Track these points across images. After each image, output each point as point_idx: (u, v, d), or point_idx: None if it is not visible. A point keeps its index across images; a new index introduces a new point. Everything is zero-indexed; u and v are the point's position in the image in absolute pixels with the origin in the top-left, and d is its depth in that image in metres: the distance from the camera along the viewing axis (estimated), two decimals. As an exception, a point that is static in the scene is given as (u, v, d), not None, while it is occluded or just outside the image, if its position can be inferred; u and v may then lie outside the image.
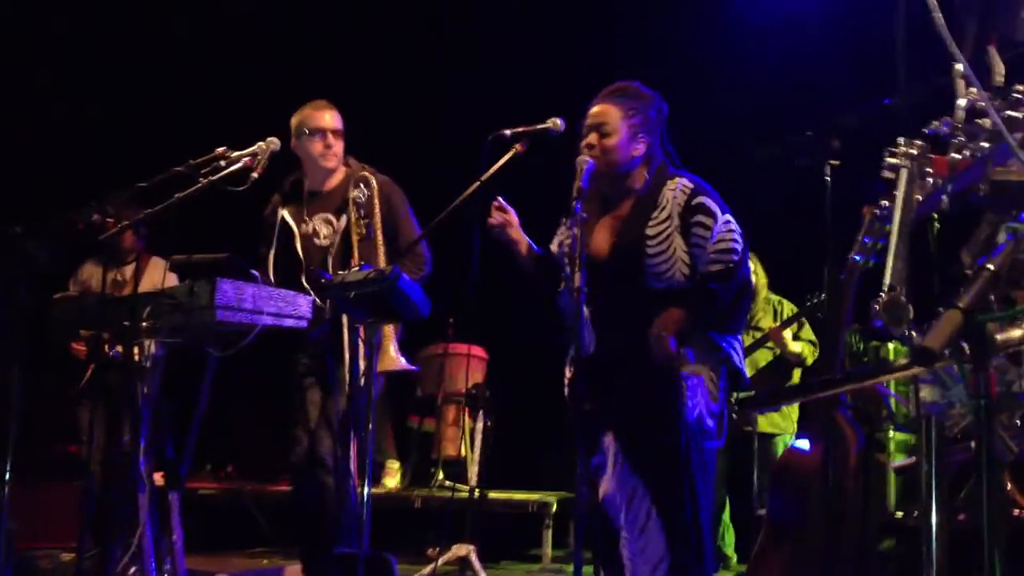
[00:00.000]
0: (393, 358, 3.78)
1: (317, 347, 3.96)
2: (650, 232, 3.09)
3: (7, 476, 3.89)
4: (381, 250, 3.86)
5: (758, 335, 5.69)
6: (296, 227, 4.06)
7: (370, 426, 3.21)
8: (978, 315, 1.33)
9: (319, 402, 3.98)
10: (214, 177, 3.67)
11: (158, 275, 4.93)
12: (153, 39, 7.01)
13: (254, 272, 3.88)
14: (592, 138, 3.16)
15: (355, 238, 3.88)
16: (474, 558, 4.95)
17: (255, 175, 3.75)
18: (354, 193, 3.91)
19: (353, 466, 3.80)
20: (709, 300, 3.05)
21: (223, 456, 7.10)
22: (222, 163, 3.71)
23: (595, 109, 3.20)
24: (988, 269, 1.43)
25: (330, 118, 4.09)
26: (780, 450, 5.75)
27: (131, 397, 3.84)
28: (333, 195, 4.09)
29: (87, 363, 5.28)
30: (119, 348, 4.20)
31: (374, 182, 3.95)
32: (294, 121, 4.13)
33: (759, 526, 4.61)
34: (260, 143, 3.85)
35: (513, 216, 3.33)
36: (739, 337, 3.17)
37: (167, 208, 3.61)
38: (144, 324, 3.60)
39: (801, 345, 5.65)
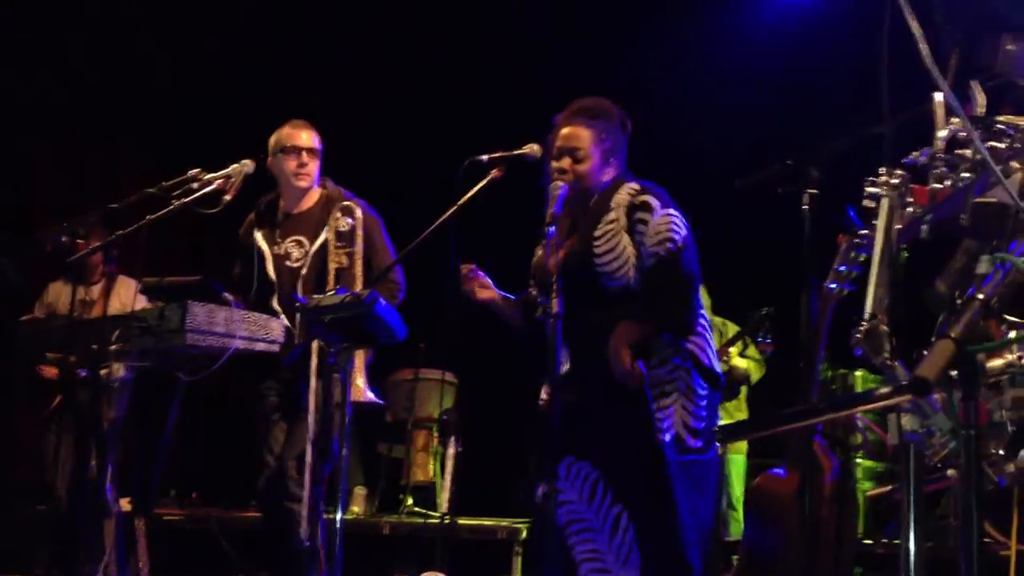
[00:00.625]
0: (360, 389, 3.74)
1: (288, 372, 3.91)
2: (597, 233, 3.09)
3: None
4: (359, 279, 3.81)
5: None
6: (268, 248, 4.00)
7: (344, 452, 3.16)
8: (969, 345, 1.34)
9: (287, 428, 3.92)
10: (186, 200, 3.65)
11: (127, 295, 4.88)
12: (128, 56, 6.95)
13: (227, 295, 3.84)
14: (565, 163, 3.15)
15: (333, 266, 3.82)
16: (445, 586, 4.89)
17: (227, 197, 3.73)
18: (339, 222, 3.84)
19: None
20: (656, 298, 3.01)
21: (189, 482, 7.01)
22: (195, 185, 3.70)
23: (567, 131, 3.18)
24: (978, 299, 1.43)
25: (306, 137, 4.03)
26: (734, 468, 5.77)
27: (98, 421, 3.79)
28: (307, 216, 4.02)
29: (55, 387, 5.21)
30: (87, 371, 4.15)
31: (359, 212, 3.90)
32: (271, 140, 4.08)
33: (724, 551, 4.61)
34: (234, 165, 3.84)
35: (484, 279, 3.32)
36: (705, 335, 3.11)
37: (138, 230, 3.57)
38: (113, 347, 3.56)
39: (747, 362, 5.65)
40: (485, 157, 3.32)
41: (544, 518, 2.90)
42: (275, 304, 3.92)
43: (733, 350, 5.53)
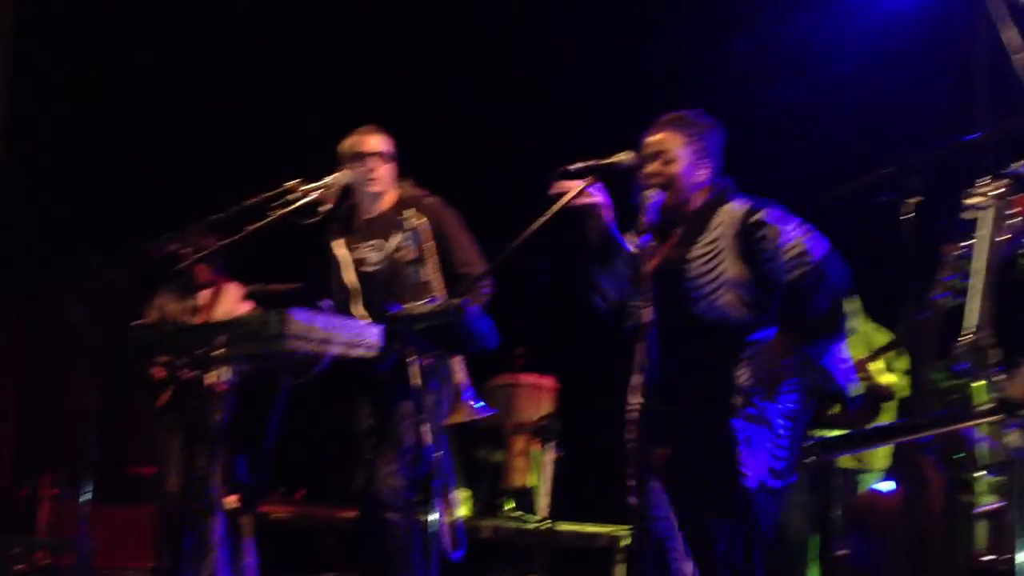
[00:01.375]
0: (468, 408, 3.77)
1: (383, 378, 3.94)
2: (692, 255, 3.00)
3: (87, 497, 3.99)
4: (435, 278, 3.83)
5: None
6: (347, 255, 4.05)
7: (440, 455, 3.19)
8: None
9: (382, 435, 3.95)
10: (284, 211, 3.72)
11: (231, 302, 5.03)
12: (228, 71, 7.15)
13: (326, 301, 3.92)
14: (655, 166, 3.08)
15: (407, 267, 3.84)
16: (542, 592, 4.90)
17: (326, 208, 3.80)
18: (410, 222, 3.86)
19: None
20: (801, 313, 2.88)
21: (295, 480, 7.16)
22: (293, 196, 3.75)
23: (654, 138, 3.12)
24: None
25: (372, 142, 4.05)
26: (863, 487, 5.53)
27: (205, 423, 3.91)
28: (382, 220, 4.05)
29: (165, 387, 5.39)
30: (194, 374, 4.28)
31: (428, 210, 3.92)
32: (342, 147, 4.11)
33: (839, 567, 4.48)
34: (332, 175, 3.90)
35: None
36: (840, 344, 2.97)
37: (240, 240, 3.66)
38: (217, 352, 3.66)
39: (896, 376, 5.21)
40: (576, 166, 3.28)
41: (640, 532, 2.88)
42: (356, 311, 3.96)
43: (877, 365, 5.13)
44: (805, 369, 2.92)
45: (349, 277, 4.01)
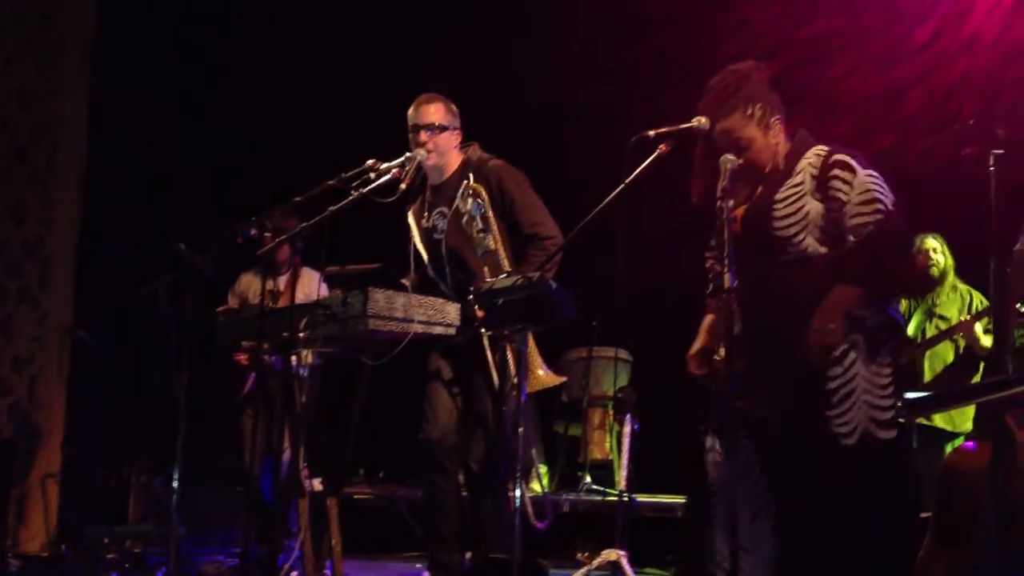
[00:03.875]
0: (541, 377, 3.79)
1: (463, 353, 3.97)
2: (779, 196, 3.01)
3: (176, 484, 4.09)
4: (500, 240, 3.83)
5: (943, 325, 5.20)
6: (417, 224, 4.10)
7: (520, 430, 3.22)
8: None
9: (451, 407, 3.98)
10: (364, 190, 3.74)
11: (311, 286, 5.10)
12: (301, 56, 7.24)
13: (403, 281, 3.96)
14: (734, 153, 3.06)
15: (472, 231, 3.83)
16: (626, 563, 4.92)
17: (403, 186, 3.84)
18: (472, 187, 3.85)
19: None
20: (874, 259, 2.86)
21: (376, 461, 7.25)
22: (372, 175, 3.79)
23: (720, 127, 3.09)
24: None
25: (423, 113, 4.03)
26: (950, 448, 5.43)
27: (290, 406, 3.98)
28: (447, 186, 4.06)
29: (248, 372, 5.50)
30: (277, 357, 4.35)
31: (490, 172, 3.92)
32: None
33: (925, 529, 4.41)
34: (408, 153, 3.93)
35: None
36: (895, 300, 2.99)
37: (321, 221, 3.70)
38: (301, 335, 3.71)
39: (991, 338, 4.98)
40: (652, 132, 3.27)
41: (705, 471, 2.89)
42: (431, 274, 4.01)
43: (979, 325, 5.03)
44: (878, 327, 2.89)
45: (421, 246, 4.07)
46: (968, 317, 5.11)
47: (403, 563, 6.08)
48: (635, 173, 3.23)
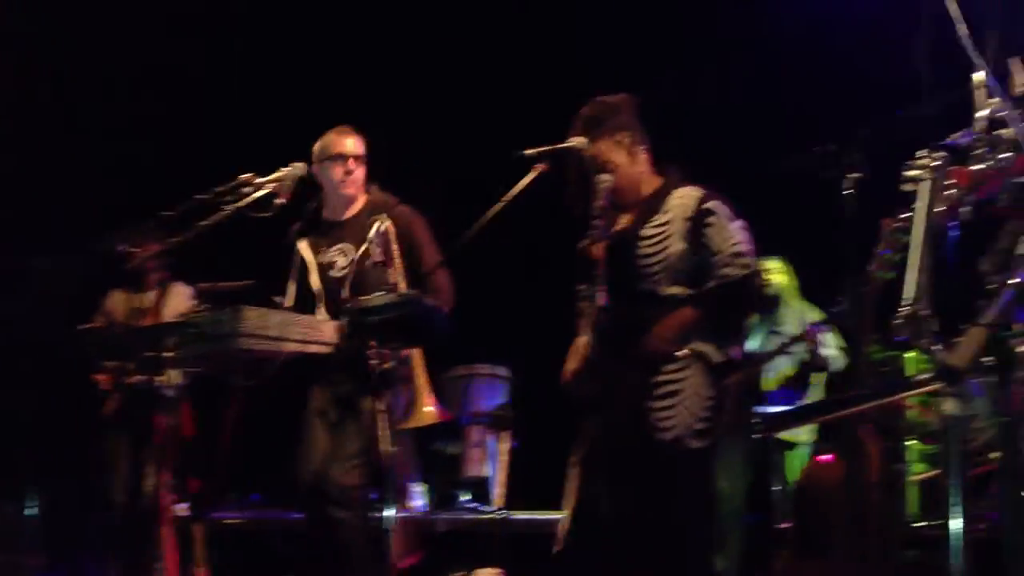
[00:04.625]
0: (427, 414, 3.79)
1: (338, 375, 3.88)
2: (645, 232, 3.09)
3: (33, 512, 3.92)
4: (402, 283, 3.79)
5: (782, 341, 5.59)
6: (313, 258, 3.99)
7: (393, 450, 3.19)
8: (1002, 331, 1.32)
9: (335, 431, 3.89)
10: (238, 204, 3.67)
11: (181, 302, 4.95)
12: (169, 66, 7.06)
13: (278, 299, 3.88)
14: (602, 177, 3.15)
15: (375, 272, 3.75)
16: (501, 581, 4.92)
17: (280, 201, 3.75)
18: (378, 227, 3.77)
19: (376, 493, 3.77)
20: (723, 307, 3.02)
21: (248, 485, 7.09)
22: (246, 190, 3.71)
23: (590, 152, 3.18)
24: (1015, 283, 1.42)
25: (352, 144, 4.00)
26: (796, 458, 5.70)
27: (154, 428, 3.86)
28: (352, 224, 4.00)
29: (111, 393, 5.30)
30: (142, 378, 4.22)
31: (397, 215, 3.88)
32: (316, 147, 4.05)
33: (779, 540, 4.58)
34: (285, 168, 3.85)
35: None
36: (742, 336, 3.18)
37: (191, 237, 3.61)
38: (168, 354, 3.61)
39: (832, 350, 5.47)
40: (530, 151, 3.31)
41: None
42: (321, 314, 3.89)
43: (823, 336, 5.34)
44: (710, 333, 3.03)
45: (315, 281, 3.94)
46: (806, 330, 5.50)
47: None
48: (513, 191, 3.26)
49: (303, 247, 4.01)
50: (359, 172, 4.00)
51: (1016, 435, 1.43)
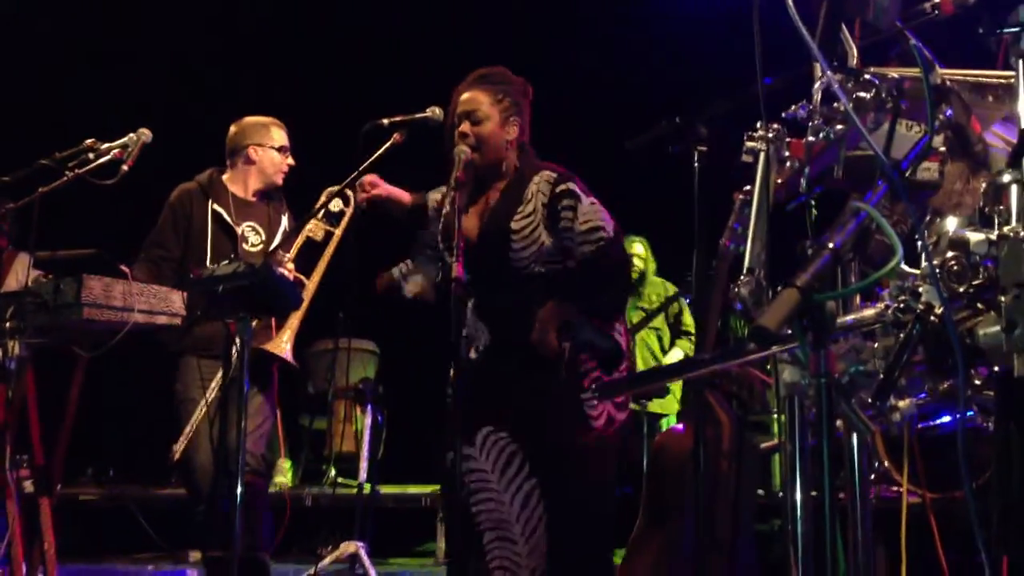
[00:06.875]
0: (280, 345, 3.76)
1: (203, 345, 3.84)
2: (515, 227, 3.08)
3: None
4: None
5: (644, 315, 5.98)
6: (235, 226, 4.00)
7: (244, 423, 3.11)
8: (815, 293, 1.34)
9: (199, 402, 3.85)
10: (82, 170, 3.56)
11: (23, 272, 4.74)
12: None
13: (124, 268, 3.75)
14: (465, 127, 3.12)
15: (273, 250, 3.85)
16: (363, 555, 4.89)
17: (125, 167, 3.65)
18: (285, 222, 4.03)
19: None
20: (594, 282, 3.03)
21: (106, 460, 6.89)
22: (91, 155, 3.61)
23: (464, 96, 3.16)
24: (827, 247, 1.43)
25: (285, 136, 4.17)
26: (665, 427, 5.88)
27: (-5, 401, 3.69)
28: (259, 208, 4.09)
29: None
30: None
31: (280, 199, 4.12)
32: (254, 130, 4.09)
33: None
34: (131, 134, 3.74)
35: (375, 179, 3.34)
36: (622, 322, 3.17)
37: (31, 203, 3.48)
38: (8, 325, 3.46)
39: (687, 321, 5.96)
40: (386, 121, 3.27)
41: (450, 483, 2.91)
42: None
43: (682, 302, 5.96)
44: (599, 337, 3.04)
45: (225, 243, 3.95)
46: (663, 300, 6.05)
47: (134, 565, 5.81)
48: (368, 161, 3.22)
49: (222, 211, 4.01)
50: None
51: (832, 399, 1.45)
